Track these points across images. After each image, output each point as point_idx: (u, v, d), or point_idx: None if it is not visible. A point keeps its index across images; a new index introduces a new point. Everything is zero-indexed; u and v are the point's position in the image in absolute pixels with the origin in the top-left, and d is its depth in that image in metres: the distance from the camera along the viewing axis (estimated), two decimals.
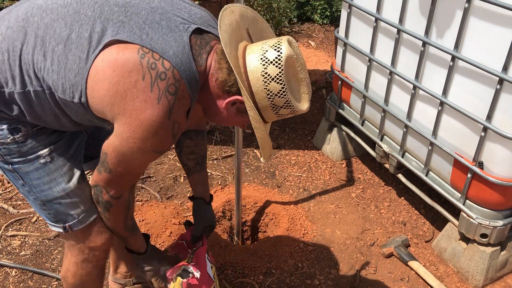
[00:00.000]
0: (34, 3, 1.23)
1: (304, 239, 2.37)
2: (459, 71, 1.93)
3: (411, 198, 2.64)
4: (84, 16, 1.18)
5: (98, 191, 1.33)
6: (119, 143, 1.22)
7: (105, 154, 1.26)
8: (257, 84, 1.24)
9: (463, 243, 2.20)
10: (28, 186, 1.36)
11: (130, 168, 1.29)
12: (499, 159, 1.91)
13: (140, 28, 1.17)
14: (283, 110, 1.28)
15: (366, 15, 2.33)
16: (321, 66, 4.04)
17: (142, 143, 1.20)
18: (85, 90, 1.18)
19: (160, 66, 1.15)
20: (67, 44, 1.17)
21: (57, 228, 1.43)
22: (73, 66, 1.17)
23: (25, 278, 2.15)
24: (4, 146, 1.27)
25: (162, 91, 1.15)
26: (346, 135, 2.88)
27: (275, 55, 1.23)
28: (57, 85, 1.20)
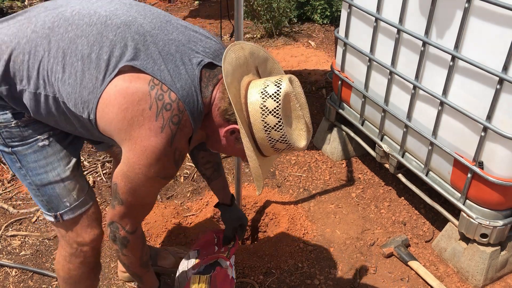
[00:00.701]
0: (62, 15, 1.30)
1: (304, 239, 2.37)
2: (459, 71, 1.93)
3: (411, 198, 2.64)
4: (106, 38, 1.26)
5: (114, 228, 1.39)
6: (126, 169, 1.29)
7: (116, 185, 1.33)
8: (255, 116, 1.30)
9: (463, 243, 2.20)
10: (24, 169, 1.40)
11: (139, 196, 1.34)
12: (499, 159, 1.91)
13: (155, 59, 1.25)
14: (279, 144, 1.33)
15: (366, 15, 2.33)
16: (321, 66, 4.05)
17: (147, 169, 1.26)
18: (95, 109, 1.27)
19: (166, 97, 1.22)
20: (86, 62, 1.25)
21: (49, 216, 1.47)
22: (89, 84, 1.25)
23: (25, 278, 2.15)
24: (7, 129, 1.34)
25: (166, 120, 1.23)
26: (346, 135, 2.88)
27: (275, 90, 1.29)
28: (70, 98, 1.28)
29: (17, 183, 2.70)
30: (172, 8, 5.38)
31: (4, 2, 4.81)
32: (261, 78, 1.37)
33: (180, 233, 2.35)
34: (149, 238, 2.34)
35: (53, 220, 1.47)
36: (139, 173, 1.28)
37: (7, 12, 4.82)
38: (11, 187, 2.66)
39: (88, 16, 1.29)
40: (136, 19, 1.30)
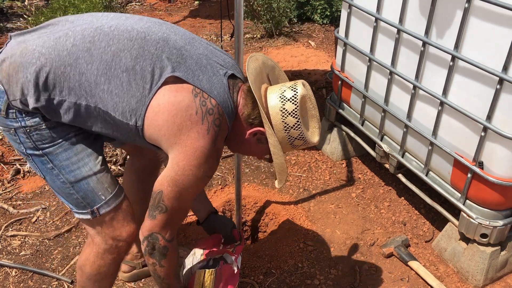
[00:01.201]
0: (101, 30, 1.39)
1: (304, 239, 2.37)
2: (459, 71, 1.93)
3: (411, 198, 2.64)
4: (148, 52, 1.38)
5: (154, 239, 1.45)
6: (175, 174, 1.39)
7: (160, 193, 1.41)
8: (276, 118, 1.47)
9: (463, 243, 2.20)
10: (57, 169, 1.45)
11: (184, 200, 1.45)
12: (499, 159, 1.91)
13: (193, 70, 1.40)
14: (297, 141, 1.51)
15: (366, 15, 2.33)
16: (321, 66, 4.05)
17: (197, 169, 1.39)
18: (143, 116, 1.38)
19: (209, 103, 1.38)
20: (132, 73, 1.36)
21: (85, 214, 1.50)
22: (136, 93, 1.36)
23: (25, 278, 2.15)
24: (37, 131, 1.41)
25: (211, 123, 1.38)
26: (346, 135, 2.88)
27: (292, 94, 1.47)
28: (117, 107, 1.37)
29: (17, 183, 2.70)
30: (172, 8, 5.39)
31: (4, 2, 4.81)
32: (274, 85, 1.54)
33: (180, 233, 2.35)
34: None
35: (89, 217, 1.49)
36: (190, 175, 1.39)
37: (7, 12, 4.82)
38: (11, 187, 2.66)
39: (127, 32, 1.40)
40: (170, 36, 1.44)
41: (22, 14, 4.73)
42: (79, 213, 1.51)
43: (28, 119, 1.39)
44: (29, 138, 1.41)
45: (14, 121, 1.39)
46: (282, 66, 4.02)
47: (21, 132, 1.41)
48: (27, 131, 1.40)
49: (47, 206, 2.54)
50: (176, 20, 4.98)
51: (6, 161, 2.82)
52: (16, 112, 1.38)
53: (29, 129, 1.40)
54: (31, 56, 1.35)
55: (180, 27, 1.56)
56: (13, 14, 4.85)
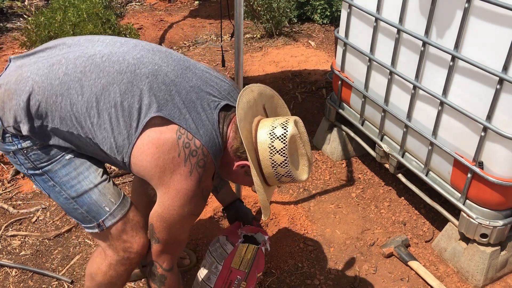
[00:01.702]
0: (93, 60, 1.39)
1: (304, 239, 2.37)
2: (459, 71, 1.93)
3: (411, 198, 2.64)
4: (137, 88, 1.38)
5: (153, 266, 1.53)
6: (161, 211, 1.43)
7: (152, 225, 1.47)
8: (264, 154, 1.46)
9: (463, 243, 2.20)
10: (58, 186, 1.46)
11: (174, 234, 1.49)
12: (499, 159, 1.91)
13: (180, 108, 1.39)
14: (284, 178, 1.49)
15: (366, 15, 2.33)
16: (321, 66, 4.04)
17: (181, 209, 1.41)
18: (129, 154, 1.39)
19: (192, 145, 1.38)
20: (119, 110, 1.36)
21: (92, 228, 1.50)
22: (123, 131, 1.37)
23: (25, 278, 2.15)
24: (33, 152, 1.43)
25: (194, 165, 1.38)
26: (346, 135, 2.88)
27: (282, 132, 1.45)
28: (106, 142, 1.39)
29: (17, 183, 2.70)
30: (172, 8, 5.38)
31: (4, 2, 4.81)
32: (268, 118, 1.54)
33: None
34: None
35: (97, 231, 1.49)
36: (174, 214, 1.42)
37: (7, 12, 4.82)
38: (11, 187, 2.66)
39: (118, 63, 1.39)
40: (161, 68, 1.42)
41: (22, 14, 4.73)
42: (87, 227, 1.51)
43: (23, 141, 1.41)
44: (28, 159, 1.43)
45: (11, 145, 1.42)
46: (282, 66, 4.02)
47: (20, 154, 1.43)
48: (24, 153, 1.42)
49: (47, 206, 2.54)
50: (176, 20, 4.98)
51: (6, 161, 2.82)
52: (12, 136, 1.41)
53: (26, 150, 1.42)
54: (25, 84, 1.37)
55: (176, 52, 1.54)
56: (13, 14, 4.85)
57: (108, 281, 1.59)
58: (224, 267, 1.76)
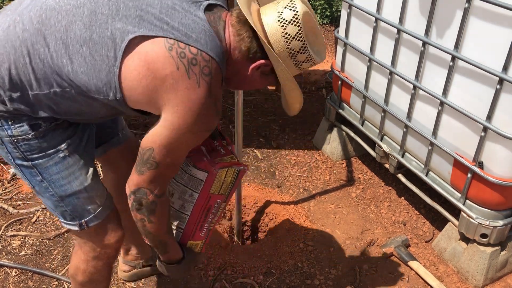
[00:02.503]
0: (46, 5, 1.24)
1: (304, 239, 2.37)
2: (459, 71, 1.93)
3: (411, 198, 2.64)
4: (101, 15, 1.20)
5: (141, 193, 1.33)
6: (169, 132, 1.24)
7: (151, 150, 1.27)
8: (279, 46, 1.28)
9: (463, 243, 2.20)
10: (46, 182, 1.37)
11: (178, 156, 1.33)
12: (499, 159, 1.91)
13: (159, 19, 1.20)
14: (304, 64, 1.35)
15: (366, 15, 2.33)
16: (321, 66, 4.04)
17: (194, 125, 1.24)
18: (119, 87, 1.22)
19: (188, 53, 1.19)
20: (91, 45, 1.20)
21: (73, 226, 1.44)
22: (103, 65, 1.20)
23: (25, 278, 2.15)
24: (25, 142, 1.31)
25: (198, 75, 1.20)
26: (346, 135, 2.88)
27: (292, 14, 1.27)
28: (90, 86, 1.23)
29: (17, 183, 2.70)
30: None
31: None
32: (267, 5, 1.34)
33: None
34: None
35: (77, 229, 1.45)
36: (186, 132, 1.25)
37: None
38: (11, 187, 2.66)
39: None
40: None
41: None
42: (66, 223, 1.46)
43: (15, 127, 1.29)
44: (17, 148, 1.32)
45: (0, 129, 1.30)
46: None
47: (8, 142, 1.32)
48: (14, 141, 1.31)
49: None
50: None
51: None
52: (1, 119, 1.29)
53: (17, 139, 1.31)
54: None
55: None
56: None
57: (89, 278, 1.57)
58: (202, 195, 1.57)
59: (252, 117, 3.32)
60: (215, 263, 2.20)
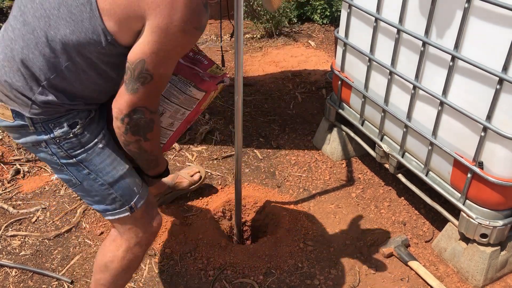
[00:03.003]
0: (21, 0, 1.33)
1: (304, 239, 2.37)
2: (459, 71, 1.93)
3: (411, 198, 2.64)
4: None
5: (139, 114, 1.34)
6: (158, 37, 1.22)
7: (142, 61, 1.26)
8: None
9: (463, 243, 2.20)
10: (94, 173, 1.47)
11: (172, 62, 1.32)
12: (499, 159, 1.91)
13: None
14: None
15: (366, 15, 2.33)
16: (321, 66, 4.05)
17: (183, 23, 1.21)
18: (104, 26, 1.25)
19: None
20: (65, 3, 1.25)
21: (123, 213, 1.52)
22: (83, 15, 1.24)
23: (25, 278, 2.15)
24: (67, 141, 1.42)
25: None
26: (346, 135, 2.88)
27: None
28: (81, 42, 1.27)
29: (17, 183, 2.70)
30: None
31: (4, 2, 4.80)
32: None
33: (180, 233, 2.35)
34: None
35: (128, 214, 1.52)
36: (176, 31, 1.22)
37: (7, 12, 4.82)
38: (11, 187, 2.66)
39: None
40: None
41: None
42: (116, 213, 1.52)
43: (56, 130, 1.40)
44: (61, 148, 1.42)
45: (44, 134, 1.40)
46: (282, 66, 4.02)
47: (52, 144, 1.42)
48: (57, 142, 1.42)
49: (47, 206, 2.54)
50: None
51: (6, 161, 2.82)
52: (43, 124, 1.39)
53: (59, 139, 1.41)
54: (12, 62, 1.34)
55: None
56: None
57: (126, 266, 1.62)
58: (194, 111, 1.61)
59: (252, 117, 3.32)
60: (215, 263, 2.21)
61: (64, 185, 2.67)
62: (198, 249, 2.27)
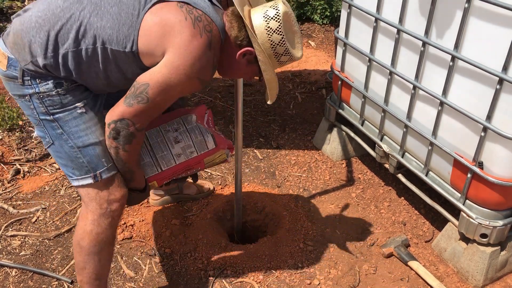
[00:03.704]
0: None
1: (304, 239, 2.37)
2: (459, 71, 1.93)
3: (411, 198, 2.64)
4: None
5: (123, 124, 1.52)
6: (168, 72, 1.47)
7: (146, 85, 1.48)
8: (262, 37, 1.57)
9: (463, 243, 2.20)
10: (66, 134, 1.58)
11: (169, 97, 1.55)
12: (499, 159, 1.91)
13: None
14: (283, 57, 1.62)
15: (366, 15, 2.33)
16: (321, 66, 4.04)
17: (190, 69, 1.47)
18: (136, 39, 1.48)
19: (195, 12, 1.48)
20: (120, 5, 1.48)
21: (86, 179, 1.61)
22: (127, 21, 1.47)
23: (25, 278, 2.15)
24: (49, 98, 1.54)
25: (202, 28, 1.47)
26: (346, 135, 2.88)
27: (274, 12, 1.57)
28: (112, 38, 1.48)
29: (17, 183, 2.70)
30: None
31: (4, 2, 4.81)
32: (257, 7, 1.63)
33: (180, 233, 2.35)
34: (149, 238, 2.34)
35: (91, 182, 1.61)
36: (182, 73, 1.47)
37: (7, 12, 4.82)
38: (11, 187, 2.66)
39: None
40: None
41: None
42: (81, 178, 1.61)
43: (42, 85, 1.52)
44: (42, 103, 1.54)
45: (30, 88, 1.52)
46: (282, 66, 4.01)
47: (35, 98, 1.53)
48: (40, 97, 1.53)
49: (47, 206, 2.54)
50: None
51: (6, 161, 2.82)
52: (31, 79, 1.51)
53: (42, 95, 1.53)
54: (29, 21, 1.49)
55: None
56: (13, 14, 4.86)
57: (96, 241, 1.67)
58: (198, 157, 1.85)
59: (252, 117, 3.32)
60: (215, 263, 2.20)
61: (64, 185, 2.67)
62: (198, 249, 2.27)
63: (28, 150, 2.93)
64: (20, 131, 3.05)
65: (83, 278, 1.74)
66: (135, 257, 2.26)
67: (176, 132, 1.84)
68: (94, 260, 1.70)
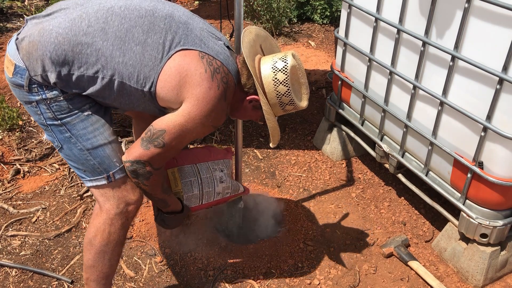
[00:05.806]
0: (112, 11, 1.55)
1: (304, 239, 2.37)
2: (459, 71, 1.93)
3: (411, 198, 2.64)
4: (158, 27, 1.55)
5: (139, 165, 1.58)
6: (184, 121, 1.54)
7: (163, 131, 1.55)
8: (269, 87, 1.65)
9: (463, 243, 2.20)
10: (75, 137, 1.59)
11: (184, 142, 1.62)
12: (499, 159, 1.91)
13: (199, 39, 1.60)
14: (288, 106, 1.71)
15: (366, 15, 2.33)
16: (321, 66, 4.04)
17: (206, 119, 1.56)
18: (156, 81, 1.54)
19: (215, 63, 1.57)
20: (144, 46, 1.53)
21: (100, 180, 1.63)
22: (149, 63, 1.53)
23: (25, 278, 2.15)
24: (56, 103, 1.55)
25: (219, 80, 1.56)
26: (346, 135, 2.88)
27: (283, 65, 1.65)
28: (132, 76, 1.53)
29: (17, 183, 2.70)
30: None
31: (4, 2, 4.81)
32: (267, 56, 1.72)
33: (180, 233, 2.36)
34: (149, 238, 2.34)
35: (105, 182, 1.63)
36: (198, 122, 1.55)
37: (7, 12, 4.82)
38: (11, 187, 2.66)
39: (136, 10, 1.56)
40: (174, 12, 1.61)
41: (22, 14, 4.73)
42: (94, 179, 1.63)
43: (48, 92, 1.53)
44: (49, 109, 1.55)
45: (36, 95, 1.54)
46: None
47: (42, 104, 1.55)
48: (47, 103, 1.54)
49: (47, 206, 2.54)
50: None
51: (6, 161, 2.82)
52: (37, 87, 1.52)
53: (49, 101, 1.54)
54: (49, 35, 1.49)
55: (179, 5, 1.74)
56: (13, 14, 4.85)
57: (107, 240, 1.68)
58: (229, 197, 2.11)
59: None
60: (215, 263, 2.21)
61: (64, 185, 2.67)
62: (198, 249, 2.27)
63: (28, 150, 2.93)
64: (20, 131, 3.05)
65: (90, 276, 1.75)
66: (135, 257, 2.26)
67: (222, 173, 2.04)
68: (104, 259, 1.71)
